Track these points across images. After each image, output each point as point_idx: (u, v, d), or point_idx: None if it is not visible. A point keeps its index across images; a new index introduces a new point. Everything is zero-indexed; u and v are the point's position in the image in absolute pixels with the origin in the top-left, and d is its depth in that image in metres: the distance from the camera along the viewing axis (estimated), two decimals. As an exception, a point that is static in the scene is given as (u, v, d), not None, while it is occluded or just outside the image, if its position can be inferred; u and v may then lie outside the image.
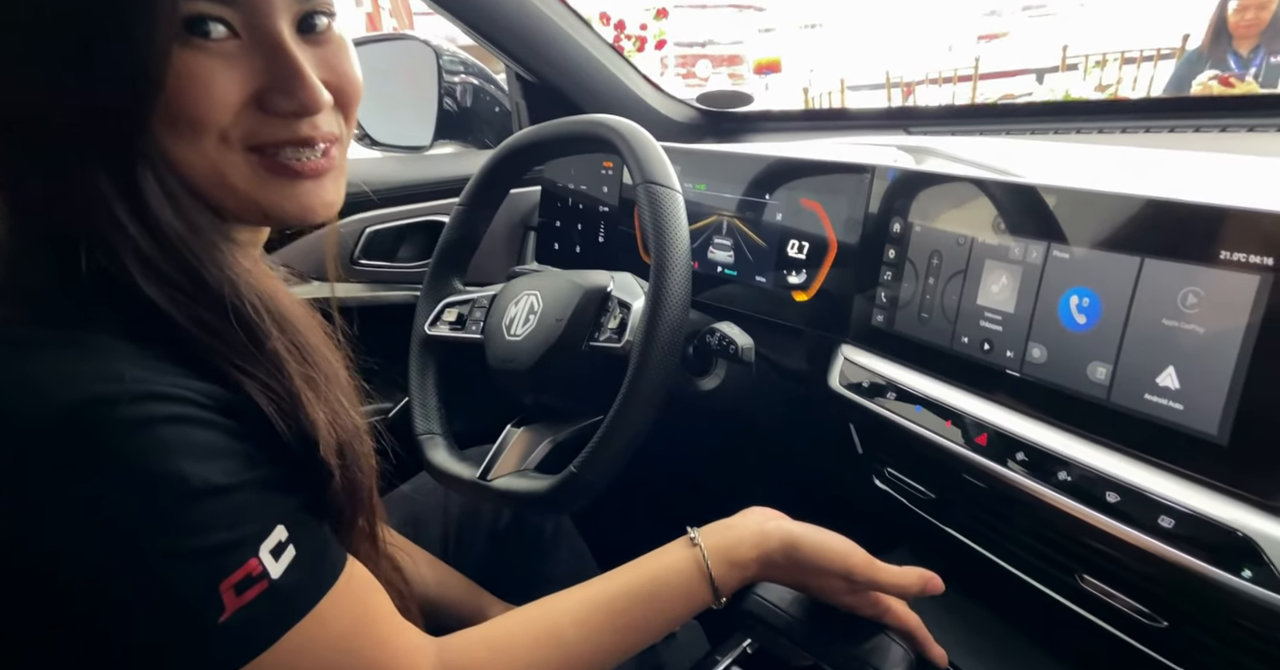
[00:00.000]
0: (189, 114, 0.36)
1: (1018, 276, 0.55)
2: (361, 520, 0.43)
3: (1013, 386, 0.55)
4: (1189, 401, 0.44)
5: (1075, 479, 0.49)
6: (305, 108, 0.39)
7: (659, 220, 0.63)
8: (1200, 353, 0.44)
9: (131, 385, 0.33)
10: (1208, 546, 0.42)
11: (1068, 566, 0.55)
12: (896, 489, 0.70)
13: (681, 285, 0.61)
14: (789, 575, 0.54)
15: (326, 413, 0.39)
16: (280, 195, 0.41)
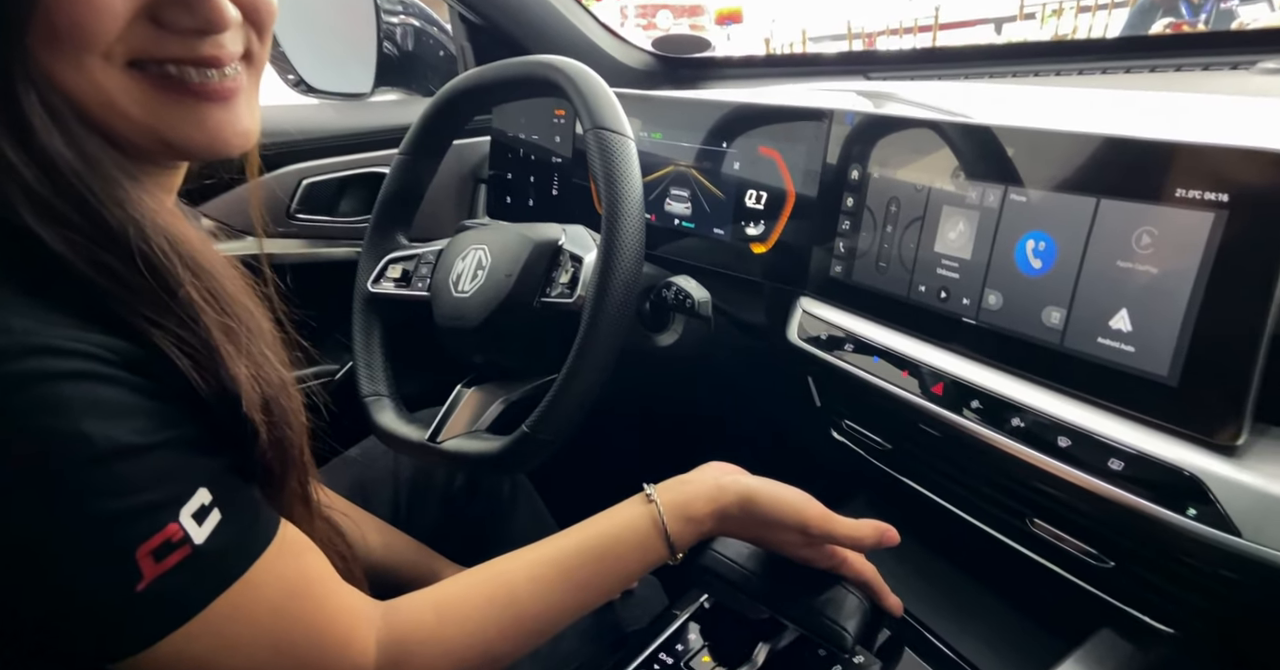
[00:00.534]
0: (68, 25, 0.32)
1: (975, 222, 0.54)
2: (293, 480, 0.41)
3: (969, 335, 0.54)
4: (1140, 344, 0.44)
5: (1028, 425, 0.49)
6: (209, 24, 0.35)
7: (610, 168, 0.60)
8: (1152, 294, 0.43)
9: (23, 338, 0.30)
10: (1155, 487, 0.42)
11: (1019, 511, 0.55)
12: (854, 440, 0.70)
13: (635, 236, 0.58)
14: (745, 530, 0.53)
15: (249, 366, 0.37)
16: (182, 121, 0.36)
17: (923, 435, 0.60)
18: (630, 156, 0.61)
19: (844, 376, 0.64)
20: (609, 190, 0.59)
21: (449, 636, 0.44)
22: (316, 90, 1.00)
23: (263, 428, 0.37)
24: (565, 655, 0.62)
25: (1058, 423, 0.48)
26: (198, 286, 0.36)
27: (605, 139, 0.60)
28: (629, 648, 0.60)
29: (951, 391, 0.55)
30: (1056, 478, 0.47)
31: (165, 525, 0.32)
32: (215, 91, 0.36)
